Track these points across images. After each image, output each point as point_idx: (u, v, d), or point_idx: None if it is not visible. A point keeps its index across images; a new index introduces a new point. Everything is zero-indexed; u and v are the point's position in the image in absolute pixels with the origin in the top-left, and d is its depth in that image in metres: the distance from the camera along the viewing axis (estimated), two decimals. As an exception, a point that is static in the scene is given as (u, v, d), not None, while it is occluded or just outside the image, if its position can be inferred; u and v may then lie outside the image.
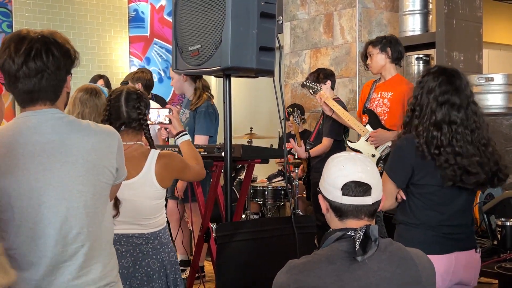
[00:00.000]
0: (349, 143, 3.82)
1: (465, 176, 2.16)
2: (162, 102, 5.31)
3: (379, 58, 3.71)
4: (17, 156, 1.52)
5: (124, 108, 2.37)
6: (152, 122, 2.67)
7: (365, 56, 3.82)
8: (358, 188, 1.56)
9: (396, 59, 3.73)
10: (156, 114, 2.63)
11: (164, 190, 2.41)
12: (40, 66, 1.55)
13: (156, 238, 2.40)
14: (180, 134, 2.61)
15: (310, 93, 4.05)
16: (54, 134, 1.57)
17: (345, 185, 1.57)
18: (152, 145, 2.43)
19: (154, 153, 2.36)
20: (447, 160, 2.15)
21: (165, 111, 2.67)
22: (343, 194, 1.57)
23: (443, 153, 2.16)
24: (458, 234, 2.24)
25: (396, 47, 3.71)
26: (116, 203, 1.94)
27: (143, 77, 4.77)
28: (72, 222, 1.56)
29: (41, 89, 1.57)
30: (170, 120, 2.65)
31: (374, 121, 3.69)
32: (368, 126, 3.70)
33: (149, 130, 2.44)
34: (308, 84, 4.05)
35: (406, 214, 2.27)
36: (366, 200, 1.56)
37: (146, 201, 2.35)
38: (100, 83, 5.19)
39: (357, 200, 1.56)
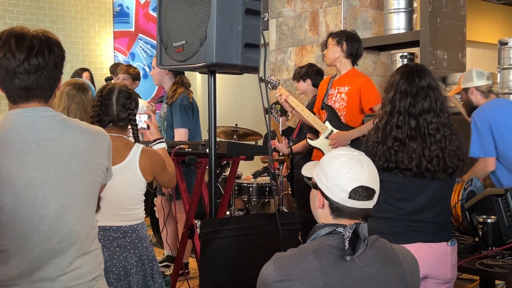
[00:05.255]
0: (309, 141, 3.77)
1: (394, 159, 2.20)
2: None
3: (334, 50, 3.69)
4: (12, 153, 1.52)
5: (115, 107, 2.44)
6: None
7: (325, 46, 3.79)
8: (365, 193, 1.55)
9: (351, 55, 3.69)
10: (138, 120, 2.66)
11: (145, 183, 2.45)
12: (41, 63, 1.55)
13: (134, 232, 2.42)
14: (157, 141, 2.68)
15: (269, 87, 3.90)
16: (49, 131, 1.57)
17: (353, 190, 1.54)
18: (137, 142, 2.48)
19: (138, 146, 2.43)
20: (379, 143, 2.22)
21: (144, 117, 2.74)
22: (350, 197, 1.55)
23: (382, 141, 2.22)
24: (420, 227, 2.23)
25: (353, 43, 3.67)
26: (98, 199, 1.94)
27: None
28: (66, 220, 1.56)
29: (39, 86, 1.57)
30: (148, 125, 2.72)
31: (333, 117, 3.67)
32: (327, 123, 3.67)
33: (137, 130, 2.51)
34: (266, 79, 3.93)
35: None
36: (369, 204, 1.57)
37: (127, 189, 2.38)
38: (86, 75, 5.15)
39: (361, 204, 1.56)
